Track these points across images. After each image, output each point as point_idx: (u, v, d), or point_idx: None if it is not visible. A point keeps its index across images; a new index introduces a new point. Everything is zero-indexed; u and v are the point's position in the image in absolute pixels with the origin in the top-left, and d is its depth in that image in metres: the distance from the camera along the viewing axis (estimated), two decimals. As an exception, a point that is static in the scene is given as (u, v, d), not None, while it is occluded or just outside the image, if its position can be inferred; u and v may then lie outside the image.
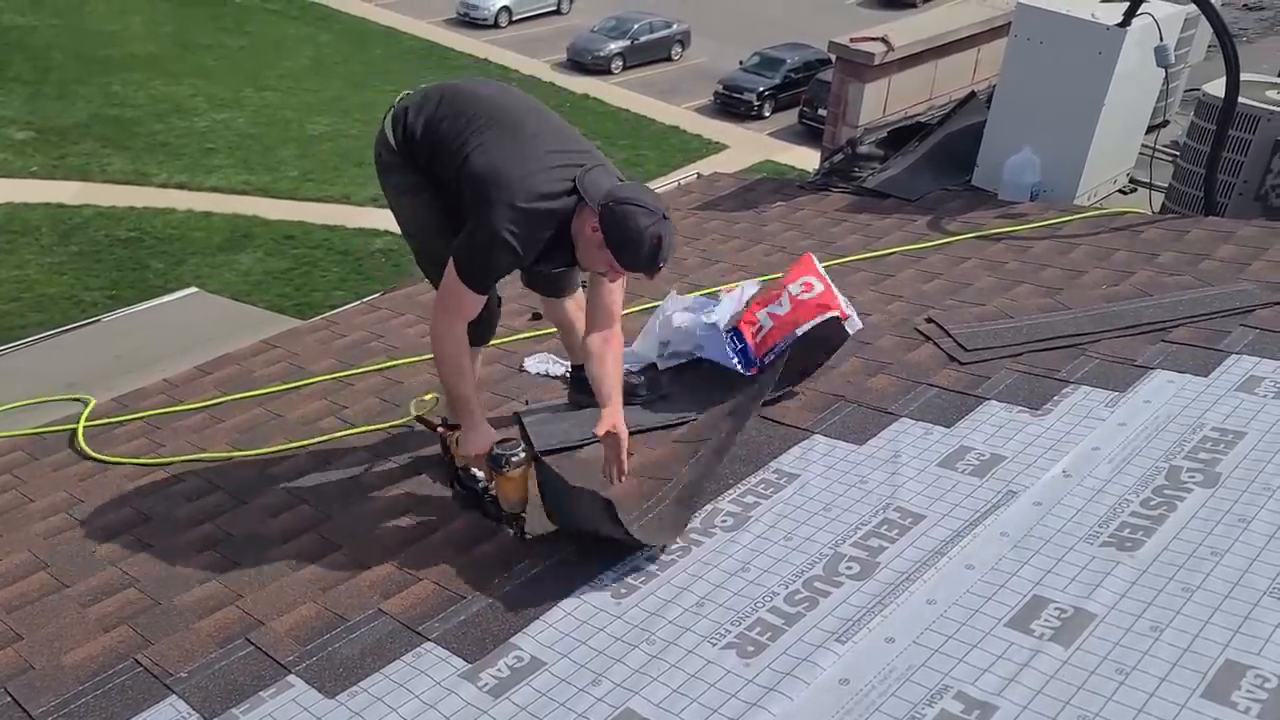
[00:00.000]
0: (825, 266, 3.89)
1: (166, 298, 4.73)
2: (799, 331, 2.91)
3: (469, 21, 27.10)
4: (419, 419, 2.73)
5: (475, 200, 2.33)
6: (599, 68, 24.56)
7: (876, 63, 4.87)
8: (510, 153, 2.35)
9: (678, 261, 4.15)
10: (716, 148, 21.10)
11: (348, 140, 20.02)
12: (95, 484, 2.92)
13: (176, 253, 15.55)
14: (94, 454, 3.08)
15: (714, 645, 1.99)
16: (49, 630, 2.24)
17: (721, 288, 3.66)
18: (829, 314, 2.90)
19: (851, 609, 2.04)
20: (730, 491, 2.51)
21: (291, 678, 2.00)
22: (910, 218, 4.37)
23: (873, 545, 2.25)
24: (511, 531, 2.40)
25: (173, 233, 16.13)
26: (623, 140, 20.52)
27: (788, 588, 2.14)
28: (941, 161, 4.86)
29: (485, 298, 2.40)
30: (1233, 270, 3.40)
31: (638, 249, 2.29)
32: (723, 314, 3.12)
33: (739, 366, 3.01)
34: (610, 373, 2.51)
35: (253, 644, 2.09)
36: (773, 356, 2.94)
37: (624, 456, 2.46)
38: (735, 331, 3.07)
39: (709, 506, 2.45)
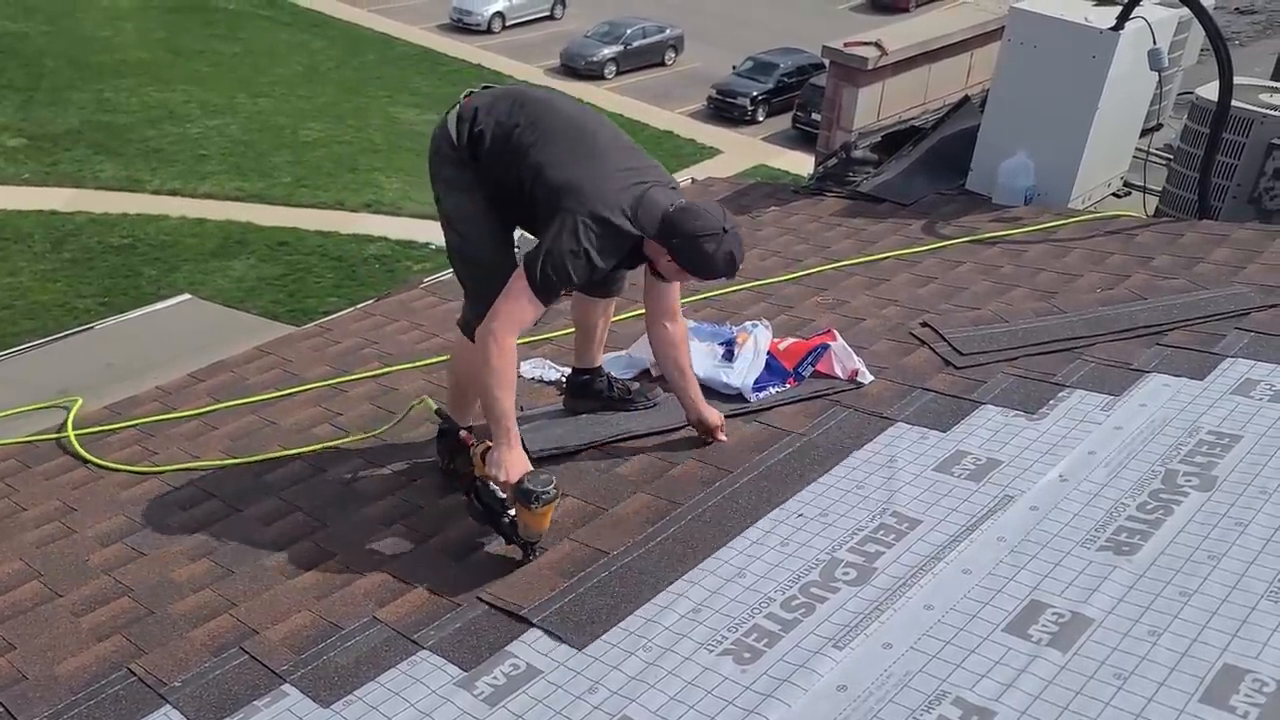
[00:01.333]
0: (820, 270, 3.91)
1: (159, 304, 4.71)
2: (820, 367, 3.00)
3: (462, 27, 27.13)
4: (439, 413, 2.64)
5: (554, 210, 2.33)
6: (592, 73, 24.60)
7: (870, 67, 4.88)
8: (590, 168, 2.38)
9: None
10: (710, 153, 21.13)
11: (341, 146, 20.02)
12: (88, 492, 2.91)
13: (169, 259, 15.51)
14: (87, 455, 3.06)
15: (711, 652, 1.98)
16: (42, 640, 2.23)
17: (725, 289, 3.66)
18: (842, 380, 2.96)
19: (849, 615, 2.04)
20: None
21: (286, 687, 1.99)
22: (905, 222, 4.37)
23: (869, 550, 2.24)
24: (524, 554, 2.33)
25: (166, 239, 16.10)
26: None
27: (785, 594, 2.14)
28: (936, 166, 4.87)
29: (545, 310, 2.39)
30: (1227, 273, 3.41)
31: (713, 269, 2.40)
32: (741, 373, 2.99)
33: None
34: (685, 368, 2.67)
35: (247, 653, 2.08)
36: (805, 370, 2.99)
37: (721, 438, 2.68)
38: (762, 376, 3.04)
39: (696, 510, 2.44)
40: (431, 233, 17.40)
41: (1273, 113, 4.04)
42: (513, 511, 2.32)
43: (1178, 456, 2.43)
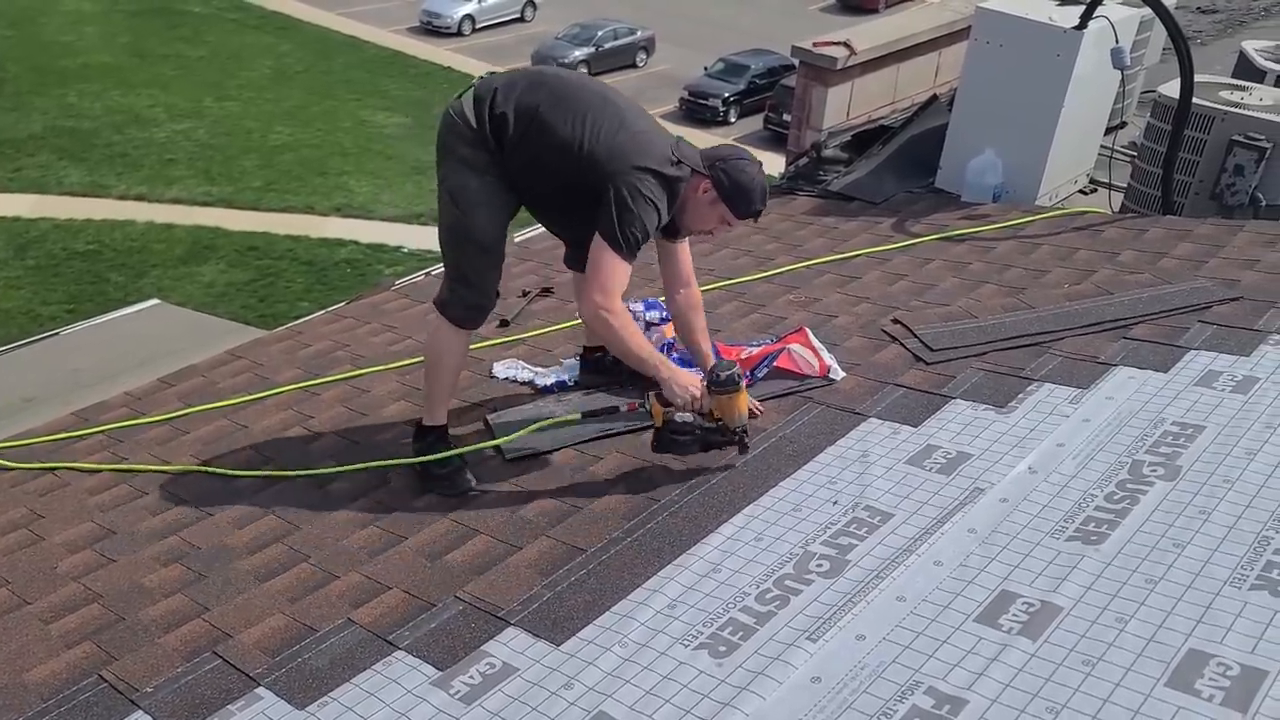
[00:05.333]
0: (792, 269, 3.94)
1: (127, 310, 4.65)
2: (777, 364, 3.02)
3: (432, 30, 27.02)
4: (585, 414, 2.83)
5: (606, 177, 2.47)
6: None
7: (839, 67, 4.91)
8: (624, 133, 2.53)
9: (645, 266, 4.16)
10: (683, 154, 21.14)
11: (310, 150, 19.88)
12: (56, 499, 2.87)
13: (137, 265, 15.34)
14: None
15: (686, 646, 1.99)
16: (11, 648, 2.20)
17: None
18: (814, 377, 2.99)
19: (822, 607, 2.05)
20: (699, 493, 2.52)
21: (260, 690, 1.97)
22: (876, 220, 4.41)
23: (842, 543, 2.26)
24: (742, 447, 2.57)
25: (133, 245, 15.92)
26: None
27: (759, 587, 2.15)
28: (905, 164, 4.91)
29: (626, 281, 2.53)
30: (1190, 268, 3.47)
31: (750, 196, 2.57)
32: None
33: None
34: (702, 330, 2.81)
35: (220, 657, 2.06)
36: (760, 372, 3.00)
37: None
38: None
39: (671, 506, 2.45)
40: (402, 236, 17.34)
41: (1233, 110, 4.11)
42: (716, 415, 2.53)
43: (1143, 447, 2.47)
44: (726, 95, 22.53)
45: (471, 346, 3.50)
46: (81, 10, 26.13)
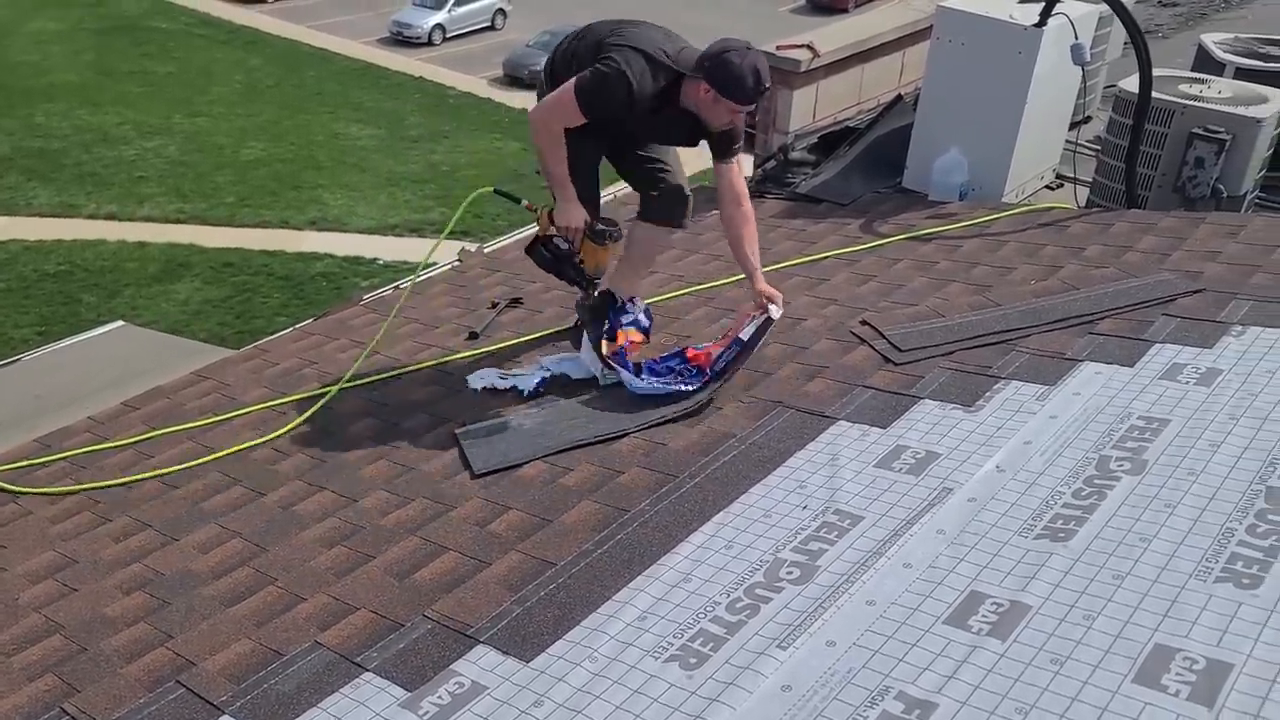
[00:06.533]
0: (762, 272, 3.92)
1: (93, 332, 4.58)
2: (743, 336, 3.01)
3: (403, 40, 26.92)
4: (497, 191, 3.42)
5: (604, 49, 2.88)
6: (536, 82, 24.51)
7: (803, 69, 4.92)
8: (634, 31, 2.95)
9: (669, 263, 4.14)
10: (657, 158, 21.16)
11: (283, 164, 19.76)
12: (18, 528, 2.82)
13: (109, 285, 15.19)
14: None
15: (656, 659, 1.98)
16: (-30, 683, 2.16)
17: (666, 294, 3.69)
18: (762, 317, 3.01)
19: (792, 614, 2.05)
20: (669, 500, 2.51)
21: (225, 718, 1.94)
22: (844, 221, 4.42)
23: (813, 549, 2.25)
24: (585, 292, 3.15)
25: (104, 265, 15.77)
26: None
27: (729, 596, 2.14)
28: (872, 165, 4.92)
29: (576, 122, 2.89)
30: (1155, 261, 3.49)
31: (742, 84, 2.81)
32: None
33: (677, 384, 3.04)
34: (750, 245, 3.09)
35: (184, 686, 2.03)
36: (721, 364, 3.02)
37: (777, 312, 3.02)
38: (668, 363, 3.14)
39: (644, 515, 2.43)
40: (378, 248, 17.26)
41: (1192, 103, 4.15)
42: (581, 257, 3.06)
43: (1110, 442, 2.48)
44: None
45: (440, 360, 3.49)
46: (46, 30, 25.89)
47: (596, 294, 3.17)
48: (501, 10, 28.62)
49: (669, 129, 3.08)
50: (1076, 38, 4.11)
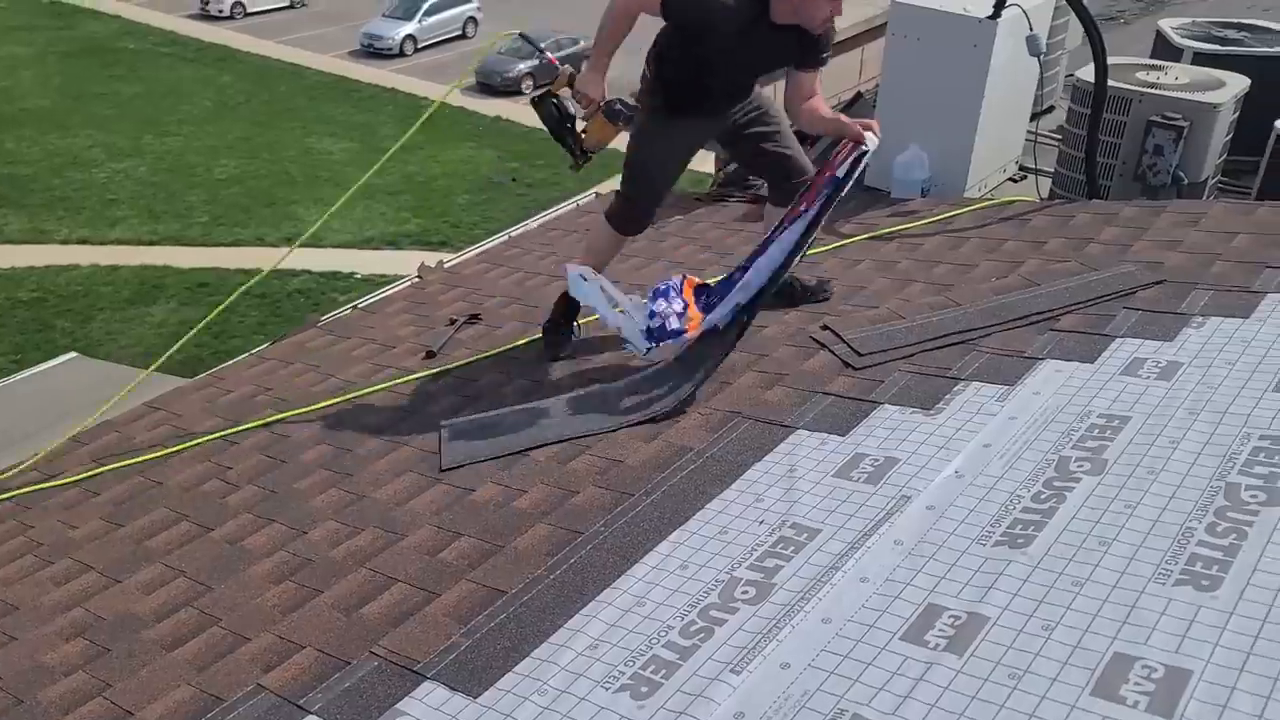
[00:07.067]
0: (721, 280, 3.87)
1: (42, 366, 4.49)
2: (838, 173, 3.01)
3: (374, 52, 26.82)
4: (522, 35, 3.72)
5: None
6: (509, 88, 24.46)
7: (763, 70, 4.87)
8: None
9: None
10: (634, 161, 21.10)
11: (257, 181, 19.64)
12: (-44, 574, 2.74)
13: (83, 310, 15.06)
14: None
15: (607, 690, 1.92)
16: (-98, 743, 2.08)
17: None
18: (857, 150, 3.01)
19: (747, 636, 1.99)
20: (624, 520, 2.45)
21: (162, 771, 1.88)
22: (805, 223, 4.36)
23: (769, 566, 2.20)
24: (573, 161, 3.23)
25: (78, 290, 15.62)
26: (539, 160, 20.46)
27: (683, 619, 2.08)
28: (834, 164, 4.87)
29: (652, 9, 3.00)
30: (1117, 252, 3.46)
31: None
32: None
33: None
34: (826, 109, 3.28)
35: (121, 738, 1.97)
36: (816, 208, 3.01)
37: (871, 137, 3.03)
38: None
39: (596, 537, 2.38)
40: (355, 262, 17.15)
41: (1150, 91, 4.12)
42: (586, 127, 3.16)
43: (1070, 442, 2.43)
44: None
45: (396, 381, 3.43)
46: (14, 55, 25.67)
47: (579, 168, 3.26)
48: (473, 18, 28.56)
49: (761, 53, 3.11)
50: (1031, 29, 4.08)
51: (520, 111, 23.50)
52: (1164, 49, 4.95)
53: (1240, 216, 3.50)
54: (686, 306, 3.06)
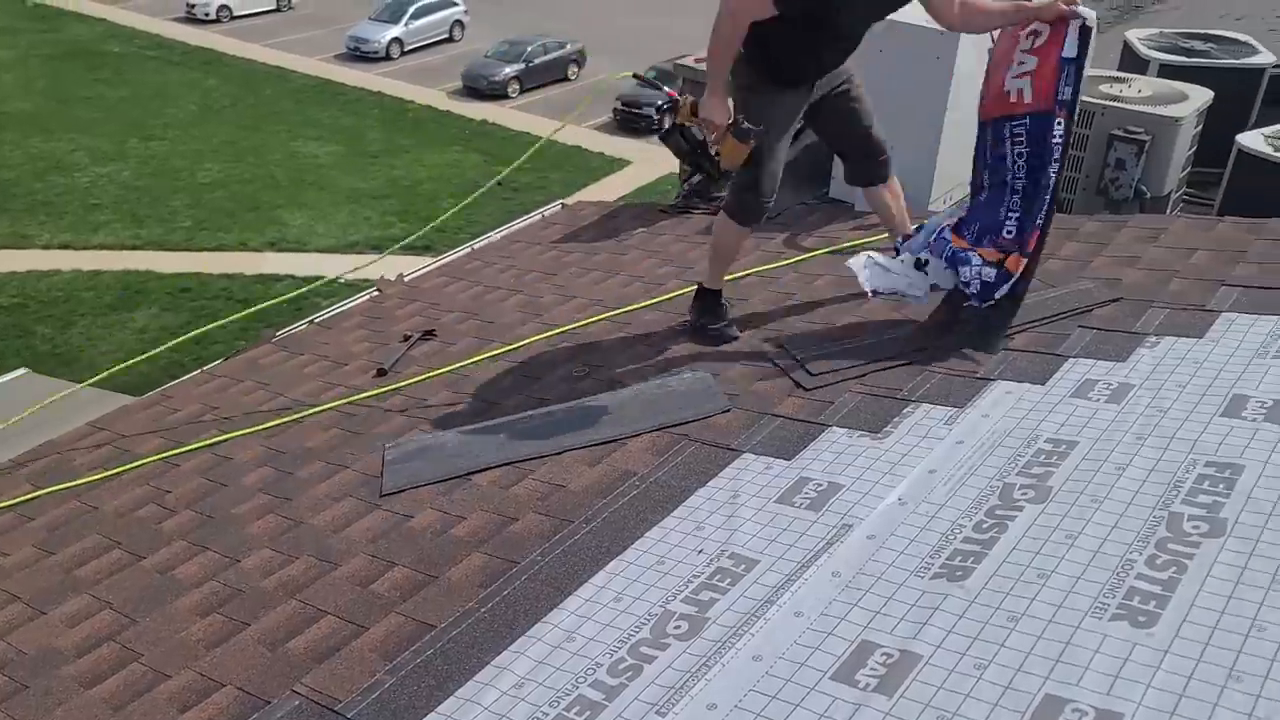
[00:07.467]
0: (679, 294, 3.82)
1: (-7, 382, 4.43)
2: (1068, 54, 2.85)
3: (360, 55, 26.75)
4: (636, 76, 4.05)
5: None
6: (495, 92, 24.41)
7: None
8: None
9: (532, 300, 4.04)
10: (620, 164, 21.11)
11: (241, 185, 19.55)
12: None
13: (64, 315, 14.96)
14: None
15: (527, 733, 1.87)
16: None
17: (582, 321, 3.58)
18: (1079, 21, 2.83)
19: (675, 674, 1.94)
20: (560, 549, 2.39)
21: (66, 819, 1.82)
22: (768, 235, 4.31)
23: (704, 599, 2.15)
24: (710, 177, 3.75)
25: (59, 295, 15.52)
26: (524, 164, 20.34)
27: (612, 656, 2.03)
28: (799, 175, 4.81)
29: (765, 13, 2.89)
30: (1077, 268, 3.41)
31: None
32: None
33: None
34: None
35: (27, 783, 1.90)
36: (1070, 89, 2.86)
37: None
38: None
39: (531, 567, 2.32)
40: (339, 266, 17.04)
41: (1112, 104, 4.08)
42: (718, 149, 3.24)
43: (1015, 469, 2.39)
44: (660, 104, 22.44)
45: (348, 399, 3.37)
46: (-3, 58, 25.57)
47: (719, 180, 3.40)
48: (459, 22, 28.50)
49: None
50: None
51: (508, 115, 23.46)
52: (1131, 60, 4.91)
53: (1200, 233, 3.46)
54: (983, 259, 2.99)
